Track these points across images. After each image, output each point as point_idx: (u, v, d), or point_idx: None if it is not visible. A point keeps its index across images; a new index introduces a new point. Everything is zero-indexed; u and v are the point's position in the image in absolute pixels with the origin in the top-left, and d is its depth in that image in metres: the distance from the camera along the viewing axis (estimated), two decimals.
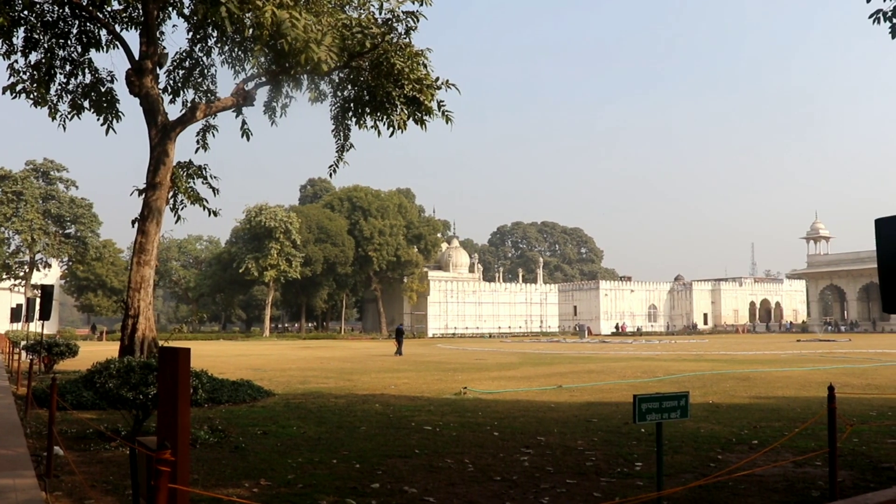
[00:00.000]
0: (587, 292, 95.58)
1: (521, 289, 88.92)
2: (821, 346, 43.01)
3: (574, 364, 26.31)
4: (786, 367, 23.85)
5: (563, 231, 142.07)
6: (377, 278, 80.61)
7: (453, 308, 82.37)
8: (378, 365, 26.82)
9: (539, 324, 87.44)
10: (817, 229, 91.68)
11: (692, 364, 25.63)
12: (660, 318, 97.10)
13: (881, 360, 26.22)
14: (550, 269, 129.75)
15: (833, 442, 6.07)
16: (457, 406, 13.33)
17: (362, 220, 77.69)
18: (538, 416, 11.79)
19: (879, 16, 10.03)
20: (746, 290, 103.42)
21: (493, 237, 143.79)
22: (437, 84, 15.82)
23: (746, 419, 11.31)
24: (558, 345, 50.58)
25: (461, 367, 25.02)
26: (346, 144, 17.85)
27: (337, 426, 10.79)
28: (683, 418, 5.74)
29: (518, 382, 18.70)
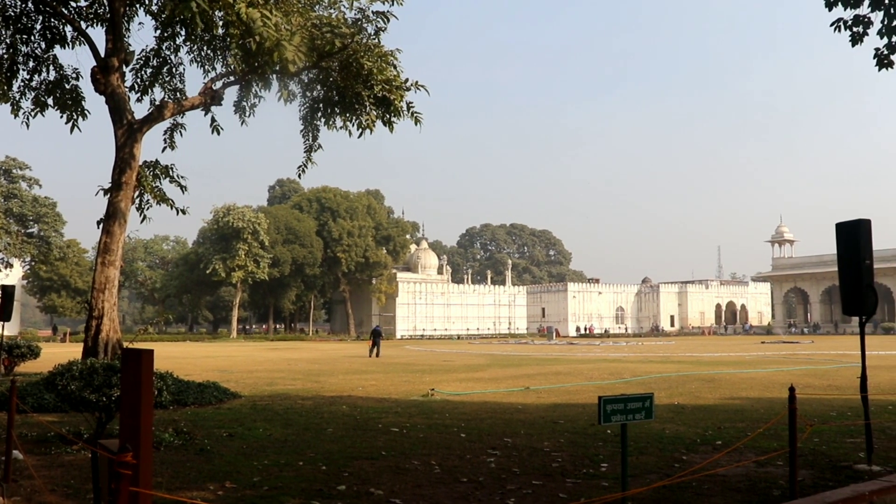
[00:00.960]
0: (555, 294, 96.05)
1: (489, 290, 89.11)
2: (784, 347, 43.64)
3: (541, 366, 26.42)
4: (750, 368, 24.16)
5: (532, 233, 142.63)
6: (346, 279, 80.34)
7: (422, 310, 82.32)
8: (346, 366, 26.72)
9: (507, 325, 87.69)
10: (782, 233, 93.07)
11: (659, 366, 25.86)
12: (627, 320, 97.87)
13: (842, 362, 26.66)
14: (519, 270, 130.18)
15: (793, 442, 6.16)
16: (424, 408, 13.33)
17: (331, 221, 77.40)
18: (505, 418, 11.81)
19: (840, 24, 10.18)
20: (713, 292, 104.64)
21: (461, 239, 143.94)
22: (407, 85, 15.80)
23: (711, 420, 11.44)
24: (526, 346, 50.77)
25: (429, 369, 25.00)
26: (315, 145, 17.75)
27: (304, 428, 10.73)
28: (648, 419, 5.79)
29: (485, 384, 18.72)
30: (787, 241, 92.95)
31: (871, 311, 7.86)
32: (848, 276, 7.96)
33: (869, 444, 7.87)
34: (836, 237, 8.08)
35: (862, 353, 8.15)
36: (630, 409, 5.61)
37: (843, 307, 8.14)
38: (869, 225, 7.92)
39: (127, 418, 3.55)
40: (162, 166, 17.17)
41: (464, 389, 17.11)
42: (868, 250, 7.89)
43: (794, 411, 6.22)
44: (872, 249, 7.98)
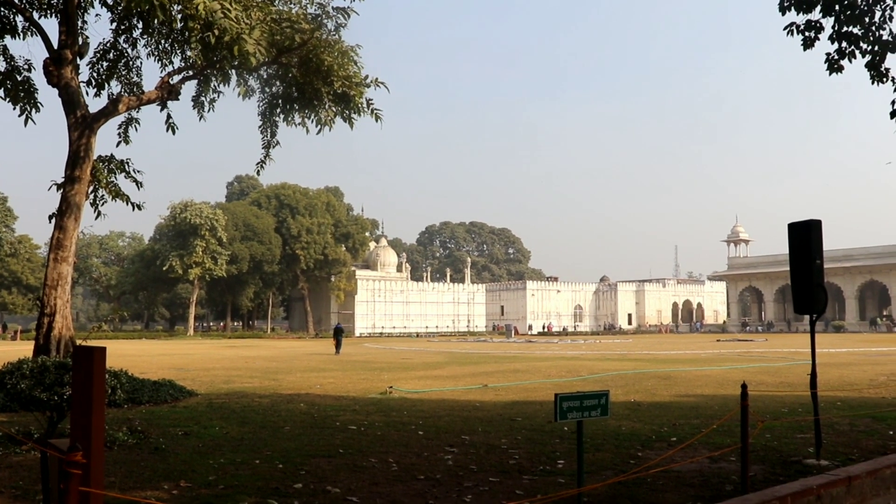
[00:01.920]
0: (514, 292, 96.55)
1: (448, 288, 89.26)
2: (739, 345, 44.37)
3: (500, 363, 26.51)
4: (705, 366, 24.52)
5: (492, 231, 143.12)
6: (304, 277, 79.85)
7: (381, 307, 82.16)
8: (304, 364, 26.55)
9: (466, 323, 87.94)
10: (737, 232, 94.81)
11: (616, 363, 26.12)
12: (585, 318, 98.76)
13: (794, 359, 27.19)
14: (478, 268, 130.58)
15: (745, 438, 6.27)
16: (382, 405, 13.29)
17: (290, 218, 76.84)
18: (463, 415, 11.83)
19: (793, 28, 10.37)
20: (669, 291, 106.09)
21: (421, 237, 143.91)
22: (367, 82, 15.73)
23: (666, 417, 11.57)
24: (485, 344, 50.89)
25: (387, 367, 24.95)
26: (274, 141, 17.59)
27: (260, 426, 10.64)
28: (604, 416, 5.84)
29: (444, 382, 18.73)
30: (743, 241, 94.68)
31: (821, 310, 8.02)
32: (799, 276, 8.11)
33: (818, 439, 8.03)
34: (788, 237, 8.23)
35: (812, 350, 8.32)
36: (586, 406, 5.65)
37: (794, 306, 8.29)
38: (819, 225, 8.07)
39: (78, 417, 3.47)
40: (117, 161, 16.86)
41: (422, 387, 17.09)
42: (819, 250, 8.04)
43: (746, 408, 6.32)
44: (823, 249, 8.14)
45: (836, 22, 10.19)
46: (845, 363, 24.85)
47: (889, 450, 8.51)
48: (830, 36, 10.24)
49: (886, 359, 27.38)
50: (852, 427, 10.39)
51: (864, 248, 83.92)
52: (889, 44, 10.24)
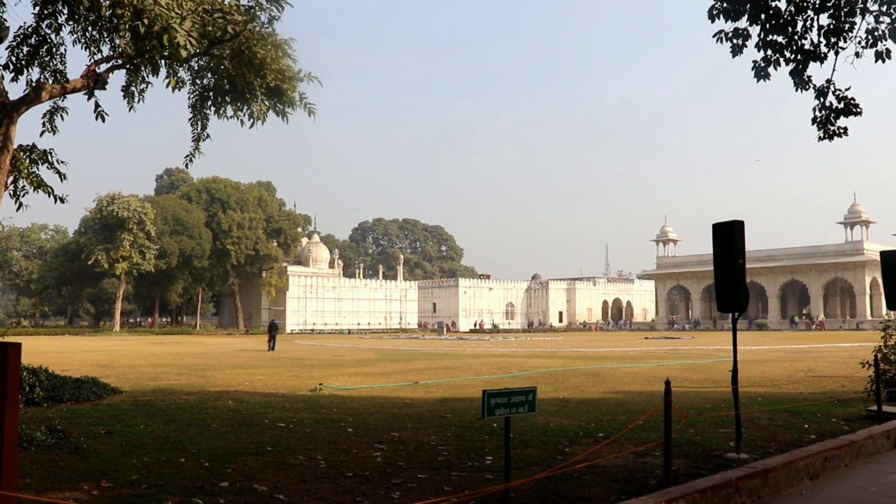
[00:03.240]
0: (447, 289, 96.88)
1: (381, 285, 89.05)
2: (666, 343, 45.36)
3: (431, 360, 26.56)
4: (633, 363, 24.97)
5: (424, 228, 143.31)
6: (235, 272, 78.67)
7: (312, 304, 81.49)
8: (233, 361, 26.17)
9: (399, 320, 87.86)
10: (666, 232, 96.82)
11: (546, 360, 26.41)
12: (517, 315, 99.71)
13: (719, 356, 27.89)
14: (411, 265, 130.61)
15: (668, 433, 6.41)
16: (312, 403, 13.18)
17: (221, 213, 75.58)
18: (393, 412, 11.81)
19: (722, 36, 10.64)
20: (600, 289, 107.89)
21: (354, 233, 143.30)
22: (300, 76, 15.56)
23: (594, 413, 11.76)
24: (417, 341, 50.96)
25: (318, 364, 24.78)
26: (204, 134, 17.23)
27: (187, 424, 10.43)
28: (531, 413, 5.90)
29: (374, 379, 18.69)
30: (671, 241, 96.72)
31: (742, 308, 8.24)
32: (722, 275, 8.33)
33: (738, 433, 8.27)
34: (712, 237, 8.44)
35: (734, 347, 8.55)
36: (513, 402, 5.70)
37: (717, 304, 8.51)
38: (742, 226, 8.30)
39: None
40: (40, 151, 16.30)
41: (352, 384, 17.02)
42: (741, 250, 8.26)
43: (670, 403, 6.47)
44: (745, 249, 8.37)
45: (762, 30, 10.49)
46: (766, 360, 25.62)
47: (804, 443, 8.82)
48: (757, 44, 10.53)
49: (805, 355, 28.32)
50: (771, 421, 10.72)
51: (786, 248, 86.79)
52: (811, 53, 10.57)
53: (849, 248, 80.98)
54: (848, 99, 10.70)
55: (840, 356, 27.15)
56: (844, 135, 10.87)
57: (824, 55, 10.48)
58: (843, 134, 10.88)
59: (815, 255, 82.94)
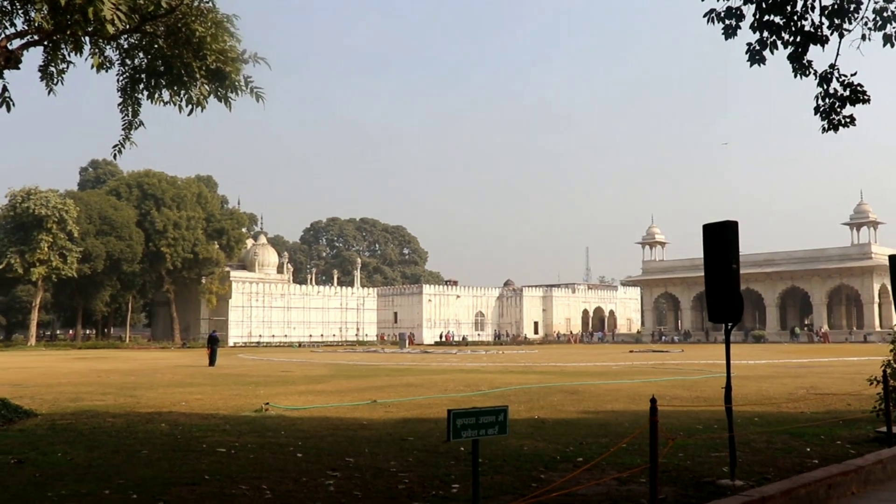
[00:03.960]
0: (409, 297, 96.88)
1: (335, 292, 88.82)
2: (653, 356, 45.73)
3: (392, 377, 26.54)
4: (616, 379, 25.14)
5: (385, 229, 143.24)
6: (170, 278, 77.95)
7: (258, 313, 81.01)
8: (168, 378, 25.92)
9: (355, 332, 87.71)
10: (653, 234, 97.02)
11: (519, 376, 26.49)
12: (488, 326, 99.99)
13: (711, 371, 28.17)
14: (369, 270, 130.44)
15: (654, 457, 6.45)
16: (257, 425, 13.10)
17: (154, 211, 74.87)
18: (348, 435, 11.78)
19: (713, 16, 10.75)
20: (580, 297, 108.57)
21: (305, 234, 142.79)
22: (245, 57, 15.45)
23: (573, 435, 11.81)
24: (376, 355, 50.85)
25: (264, 381, 24.64)
26: (136, 121, 17.04)
27: (113, 451, 10.30)
28: (502, 434, 5.90)
29: (328, 397, 18.62)
30: (659, 243, 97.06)
31: (736, 318, 8.32)
32: (714, 281, 8.41)
33: (732, 457, 8.34)
34: (702, 239, 8.52)
35: (727, 361, 8.63)
36: (482, 423, 5.70)
37: (708, 313, 8.59)
38: (736, 227, 8.37)
39: None
40: None
41: (303, 403, 16.95)
42: (735, 253, 8.34)
43: (656, 424, 6.51)
44: (740, 253, 8.46)
45: (758, 9, 10.61)
46: (764, 376, 25.93)
47: (805, 468, 8.93)
48: (752, 24, 10.64)
49: (806, 371, 28.70)
50: (769, 444, 10.84)
51: (785, 252, 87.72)
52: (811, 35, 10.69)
53: (855, 252, 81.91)
54: (854, 85, 10.85)
55: (846, 372, 27.54)
56: (851, 124, 11.01)
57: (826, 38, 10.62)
58: (849, 124, 11.02)
59: (818, 260, 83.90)
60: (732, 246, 8.34)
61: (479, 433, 5.72)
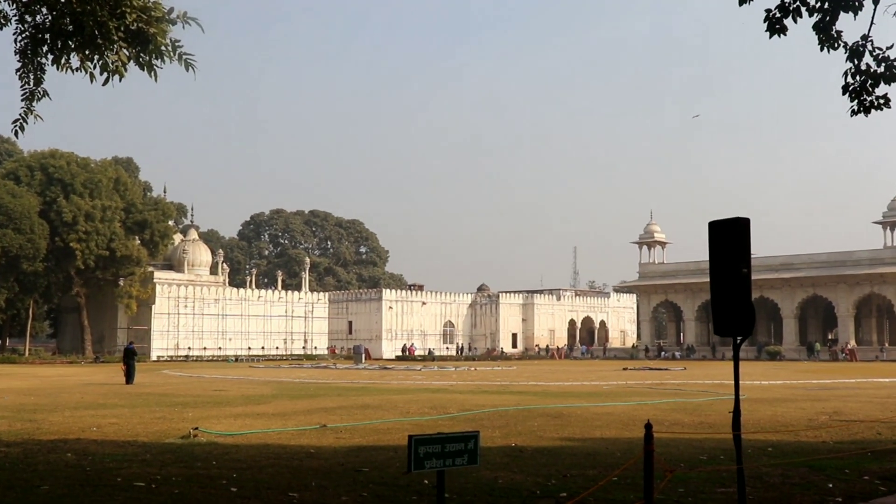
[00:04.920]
0: (366, 304, 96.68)
1: (280, 297, 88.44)
2: (651, 375, 46.13)
3: (345, 397, 26.55)
4: (608, 401, 25.31)
5: (338, 224, 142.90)
6: (81, 279, 77.17)
7: (188, 322, 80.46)
8: (77, 399, 25.75)
9: (303, 344, 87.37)
10: (651, 232, 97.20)
11: (494, 397, 26.59)
12: (459, 338, 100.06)
13: (718, 393, 28.38)
14: (320, 272, 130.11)
15: (650, 492, 6.51)
16: (183, 453, 13.06)
17: (62, 199, 74.06)
18: (292, 466, 11.78)
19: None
20: (566, 305, 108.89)
21: (245, 228, 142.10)
22: (172, 17, 15.35)
23: (555, 466, 11.87)
24: (326, 371, 50.84)
25: (194, 402, 24.55)
26: (39, 91, 16.88)
27: (6, 487, 10.20)
28: (472, 465, 5.93)
29: (269, 421, 18.60)
30: (659, 243, 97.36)
31: (747, 331, 8.38)
32: (720, 287, 8.46)
33: (742, 494, 8.41)
34: (708, 239, 8.58)
35: (735, 381, 8.69)
36: (449, 451, 5.72)
37: (713, 325, 8.66)
38: (747, 224, 8.41)
39: None
40: None
41: (239, 428, 16.91)
42: (746, 255, 8.39)
43: (652, 453, 6.57)
44: (752, 255, 8.51)
45: None
46: (780, 399, 26.18)
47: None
48: None
49: (829, 393, 29.02)
50: (785, 479, 10.95)
51: (806, 255, 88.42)
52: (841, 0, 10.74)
53: (888, 255, 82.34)
54: (890, 60, 10.96)
55: (875, 395, 27.90)
56: (886, 107, 11.08)
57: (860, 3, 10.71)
58: (883, 106, 11.09)
59: (845, 264, 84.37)
60: (743, 247, 8.39)
61: (445, 463, 5.74)
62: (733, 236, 8.39)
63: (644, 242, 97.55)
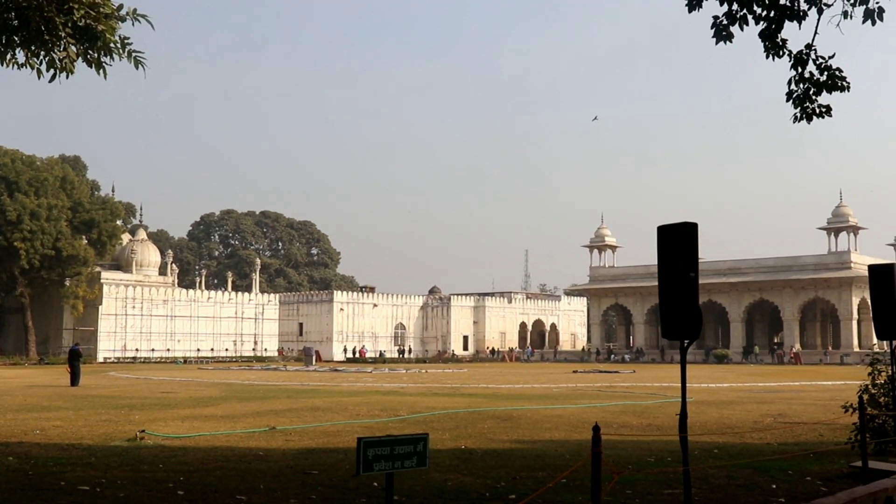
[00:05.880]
0: (317, 305, 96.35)
1: (229, 299, 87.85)
2: (601, 377, 46.47)
3: (294, 399, 26.47)
4: (557, 403, 25.47)
5: (289, 225, 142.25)
6: (26, 279, 76.08)
7: (136, 323, 79.65)
8: (19, 401, 25.38)
9: (253, 345, 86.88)
10: (602, 236, 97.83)
11: (445, 399, 26.65)
12: (409, 340, 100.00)
13: (666, 396, 28.67)
14: (271, 273, 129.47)
15: (597, 495, 6.54)
16: (129, 456, 12.94)
17: (6, 197, 72.99)
18: (240, 468, 11.73)
19: None
20: (517, 307, 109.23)
21: (194, 229, 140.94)
22: (121, 14, 15.20)
23: (505, 468, 11.93)
24: (276, 373, 50.62)
25: (141, 404, 24.31)
26: None
27: None
28: (421, 467, 5.93)
29: (218, 423, 18.50)
30: (609, 247, 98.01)
31: (694, 335, 8.47)
32: (668, 291, 8.56)
33: (687, 495, 8.50)
34: (657, 243, 8.67)
35: (682, 384, 8.78)
36: (398, 454, 5.72)
37: (661, 328, 8.75)
38: (695, 229, 8.50)
39: None
40: None
41: (187, 431, 16.79)
42: (694, 260, 8.48)
43: (599, 456, 6.60)
44: (699, 259, 8.61)
45: None
46: (726, 401, 26.50)
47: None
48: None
49: (774, 396, 29.42)
50: (730, 480, 11.10)
51: (753, 259, 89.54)
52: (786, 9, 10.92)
53: (832, 261, 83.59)
54: (832, 69, 11.15)
55: (819, 397, 28.30)
56: (827, 115, 11.30)
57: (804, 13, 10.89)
58: (825, 114, 11.31)
59: (791, 269, 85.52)
60: (691, 251, 8.48)
61: (394, 465, 5.74)
62: (681, 241, 8.48)
63: (595, 246, 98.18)
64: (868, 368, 13.73)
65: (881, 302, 13.56)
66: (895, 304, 13.31)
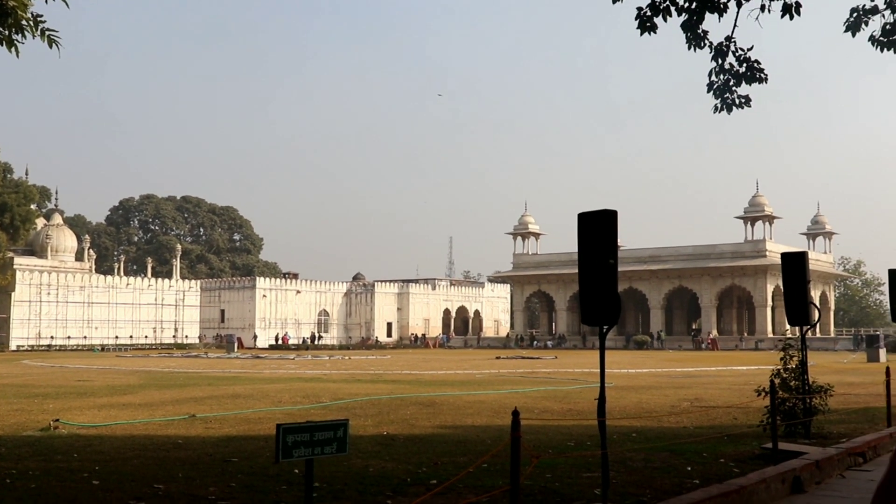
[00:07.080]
0: (240, 292, 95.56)
1: (149, 285, 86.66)
2: (523, 363, 46.80)
3: (215, 386, 26.25)
4: (479, 389, 25.62)
5: (211, 210, 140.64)
6: None
7: (51, 310, 78.15)
8: None
9: (173, 333, 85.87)
10: (526, 223, 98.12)
11: (367, 386, 26.66)
12: (334, 327, 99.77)
13: (587, 381, 29.02)
14: (192, 259, 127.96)
15: (516, 478, 6.61)
16: (42, 446, 12.71)
17: None
18: (159, 457, 11.60)
19: None
20: (441, 294, 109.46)
21: (113, 213, 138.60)
22: None
23: (427, 454, 11.97)
24: (197, 360, 50.14)
25: (55, 392, 23.85)
26: None
27: None
28: (342, 453, 5.93)
29: (135, 412, 18.24)
30: (533, 234, 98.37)
31: (612, 321, 8.59)
32: (588, 278, 8.66)
33: (605, 478, 8.64)
34: (577, 230, 8.76)
35: (601, 369, 8.90)
36: (318, 440, 5.70)
37: (581, 315, 8.85)
38: (615, 216, 8.61)
39: None
40: None
41: (103, 419, 16.55)
42: (613, 247, 8.60)
43: (518, 440, 6.67)
44: (620, 247, 8.73)
45: None
46: (645, 386, 26.93)
47: (685, 489, 9.34)
48: None
49: (691, 381, 29.95)
50: (647, 463, 11.28)
51: (673, 247, 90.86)
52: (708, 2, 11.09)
53: (748, 249, 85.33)
54: (752, 61, 11.39)
55: (734, 382, 28.89)
56: (747, 105, 11.55)
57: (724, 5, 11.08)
58: (743, 104, 11.56)
59: (709, 257, 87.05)
60: (610, 238, 8.59)
61: (314, 452, 5.72)
62: (601, 228, 8.58)
63: (518, 233, 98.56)
64: (780, 354, 14.07)
65: (793, 289, 13.94)
66: (806, 291, 13.70)
